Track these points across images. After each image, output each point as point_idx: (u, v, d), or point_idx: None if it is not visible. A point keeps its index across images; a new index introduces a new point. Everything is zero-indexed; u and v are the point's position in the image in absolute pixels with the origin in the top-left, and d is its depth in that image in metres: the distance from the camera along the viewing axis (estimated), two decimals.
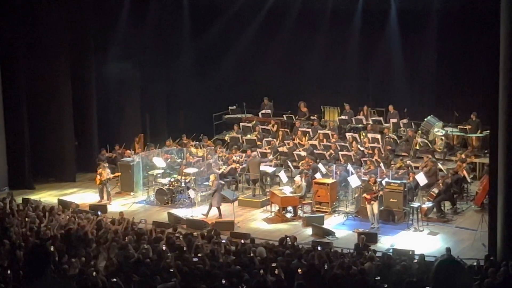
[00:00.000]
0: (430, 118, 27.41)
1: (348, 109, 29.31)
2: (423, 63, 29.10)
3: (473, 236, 21.01)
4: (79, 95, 27.59)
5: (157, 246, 17.97)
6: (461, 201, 23.98)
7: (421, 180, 23.24)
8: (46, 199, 24.96)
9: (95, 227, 20.11)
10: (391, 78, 29.67)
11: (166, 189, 24.93)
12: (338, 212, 23.78)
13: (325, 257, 17.53)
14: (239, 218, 23.41)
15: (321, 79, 31.02)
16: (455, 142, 27.06)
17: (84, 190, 26.62)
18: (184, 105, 31.38)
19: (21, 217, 20.76)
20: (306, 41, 30.87)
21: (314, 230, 22.15)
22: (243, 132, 29.54)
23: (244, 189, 26.16)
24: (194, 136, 28.77)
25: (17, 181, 26.53)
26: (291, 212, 23.68)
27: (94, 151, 27.93)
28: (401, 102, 28.55)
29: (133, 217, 21.58)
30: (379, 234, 21.47)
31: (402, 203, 22.56)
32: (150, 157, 26.51)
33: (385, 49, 29.57)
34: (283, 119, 30.24)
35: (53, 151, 27.57)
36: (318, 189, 23.76)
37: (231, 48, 31.60)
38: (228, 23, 31.34)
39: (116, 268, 15.97)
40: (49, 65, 27.01)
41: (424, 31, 28.51)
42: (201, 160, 26.54)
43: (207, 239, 19.48)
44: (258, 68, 31.68)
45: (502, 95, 18.25)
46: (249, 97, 31.41)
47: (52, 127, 27.41)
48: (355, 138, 27.36)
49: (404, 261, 17.24)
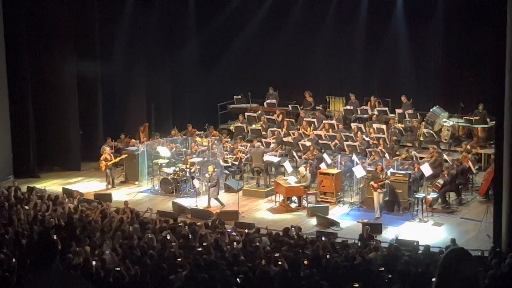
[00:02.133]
0: (435, 109, 27.33)
1: (354, 99, 29.23)
2: (429, 53, 29.01)
3: (478, 227, 20.97)
4: (84, 84, 27.58)
5: (161, 236, 17.97)
6: (466, 192, 23.93)
7: (426, 171, 23.20)
8: (50, 188, 24.99)
9: (100, 216, 20.14)
10: (397, 68, 29.57)
11: (170, 178, 24.91)
12: (343, 202, 23.76)
13: (329, 247, 17.53)
14: (243, 208, 23.40)
15: (326, 69, 30.95)
16: (460, 133, 26.98)
17: (89, 179, 26.65)
18: (189, 94, 31.36)
19: (25, 205, 20.80)
20: (311, 31, 30.78)
21: (319, 220, 22.14)
22: (248, 122, 29.49)
23: (248, 179, 26.16)
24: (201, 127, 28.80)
25: (22, 170, 26.56)
26: (296, 202, 23.66)
27: (99, 140, 27.93)
28: (406, 93, 28.46)
29: (137, 210, 21.68)
30: (384, 224, 21.44)
31: (407, 194, 22.54)
32: (154, 146, 26.52)
33: (391, 39, 29.48)
34: (288, 109, 30.19)
35: (58, 140, 27.58)
36: (323, 179, 23.73)
37: (236, 38, 31.55)
38: (233, 12, 31.29)
39: (120, 257, 15.98)
40: (54, 55, 26.99)
41: (430, 21, 28.43)
42: (206, 150, 26.54)
43: (211, 229, 19.48)
44: (263, 58, 31.60)
45: (508, 86, 18.18)
46: (254, 86, 31.35)
47: (57, 116, 27.41)
48: (360, 129, 27.30)
49: (409, 252, 17.24)
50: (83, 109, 27.70)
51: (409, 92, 28.55)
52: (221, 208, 23.28)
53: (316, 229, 21.36)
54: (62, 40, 26.99)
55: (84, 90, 27.65)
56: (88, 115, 28.08)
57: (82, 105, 27.63)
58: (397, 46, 29.41)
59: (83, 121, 27.87)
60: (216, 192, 23.57)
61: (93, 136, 28.29)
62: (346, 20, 30.02)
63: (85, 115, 27.90)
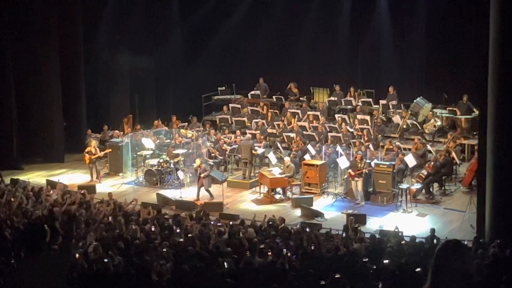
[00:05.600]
0: (419, 100, 27.39)
1: (338, 90, 29.24)
2: (413, 44, 29.06)
3: (461, 218, 21.07)
4: (68, 75, 27.45)
5: (144, 227, 17.92)
6: (450, 182, 24.03)
7: (410, 162, 23.26)
8: (34, 180, 24.89)
9: (84, 207, 20.05)
10: (381, 59, 29.62)
11: (155, 170, 24.87)
12: (327, 193, 23.79)
13: (314, 238, 17.53)
14: (228, 199, 23.39)
15: (310, 60, 30.97)
16: (444, 124, 27.06)
17: (73, 171, 26.55)
18: (173, 85, 31.29)
19: (9, 197, 20.68)
20: (296, 22, 30.78)
21: (303, 211, 22.16)
22: (232, 113, 29.46)
23: (233, 170, 26.14)
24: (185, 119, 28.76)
25: (5, 161, 26.42)
26: (280, 194, 23.67)
27: (83, 131, 27.88)
28: (390, 84, 28.50)
29: (125, 199, 21.67)
30: (368, 215, 21.49)
31: (391, 185, 22.60)
32: (138, 137, 26.45)
33: (375, 30, 29.53)
34: (273, 100, 30.17)
35: (42, 132, 27.45)
36: (307, 170, 23.76)
37: (220, 29, 31.49)
38: (217, 3, 31.24)
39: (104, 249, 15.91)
40: (37, 47, 26.79)
41: (414, 12, 28.49)
42: (190, 141, 26.51)
43: (196, 220, 19.45)
44: (248, 49, 31.58)
45: (491, 76, 18.24)
46: (238, 78, 31.31)
47: (40, 108, 27.27)
48: (344, 120, 27.32)
49: (393, 243, 17.26)
50: (66, 100, 27.58)
51: (393, 83, 28.58)
52: (210, 199, 23.27)
53: (301, 220, 21.39)
54: (45, 32, 26.80)
55: (68, 82, 27.52)
56: (72, 107, 27.99)
57: (66, 97, 27.51)
58: (381, 37, 29.46)
59: (67, 113, 27.76)
60: (208, 184, 23.54)
61: (77, 128, 28.20)
62: (330, 11, 30.03)
63: (69, 106, 27.80)
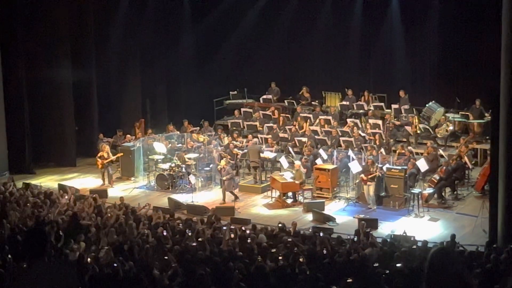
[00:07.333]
0: (431, 104, 27.29)
1: (351, 95, 29.15)
2: (425, 48, 28.99)
3: (473, 222, 20.96)
4: (80, 79, 27.54)
5: (156, 231, 17.93)
6: (462, 187, 23.93)
7: (422, 166, 23.18)
8: (46, 184, 24.97)
9: (95, 212, 20.08)
10: (393, 63, 29.56)
11: (166, 174, 24.88)
12: (339, 198, 23.74)
13: (326, 243, 17.48)
14: (239, 203, 23.38)
15: (322, 64, 30.95)
16: (456, 128, 26.97)
17: (85, 175, 26.60)
18: (185, 90, 31.33)
19: (21, 202, 20.73)
20: (308, 26, 30.76)
21: (315, 216, 22.12)
22: (244, 117, 29.45)
23: (244, 174, 26.13)
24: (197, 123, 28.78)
25: (18, 166, 26.52)
26: (292, 198, 23.64)
27: (95, 136, 27.92)
28: (403, 88, 28.40)
29: (138, 203, 21.74)
30: (380, 220, 21.42)
31: (403, 189, 22.53)
32: (150, 142, 26.47)
33: (387, 34, 29.48)
34: (285, 105, 30.14)
35: (54, 136, 27.55)
36: (319, 174, 23.72)
37: (232, 33, 31.52)
38: (229, 7, 31.24)
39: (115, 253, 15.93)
40: (50, 50, 26.94)
41: (426, 16, 28.42)
42: (202, 146, 26.51)
43: (207, 225, 19.44)
44: (260, 53, 31.57)
45: (504, 81, 18.17)
46: (250, 82, 31.32)
47: (52, 112, 27.39)
48: (356, 124, 27.26)
49: (405, 248, 17.19)
50: (78, 105, 27.66)
51: (405, 87, 28.49)
52: (235, 201, 23.34)
53: (312, 224, 21.34)
54: (57, 37, 26.91)
55: (80, 86, 27.62)
56: (84, 111, 28.05)
57: (78, 101, 27.61)
58: (393, 41, 29.40)
59: (79, 117, 27.83)
60: (231, 186, 23.56)
61: (89, 132, 28.26)
62: (342, 15, 30.02)
63: (81, 111, 27.87)
